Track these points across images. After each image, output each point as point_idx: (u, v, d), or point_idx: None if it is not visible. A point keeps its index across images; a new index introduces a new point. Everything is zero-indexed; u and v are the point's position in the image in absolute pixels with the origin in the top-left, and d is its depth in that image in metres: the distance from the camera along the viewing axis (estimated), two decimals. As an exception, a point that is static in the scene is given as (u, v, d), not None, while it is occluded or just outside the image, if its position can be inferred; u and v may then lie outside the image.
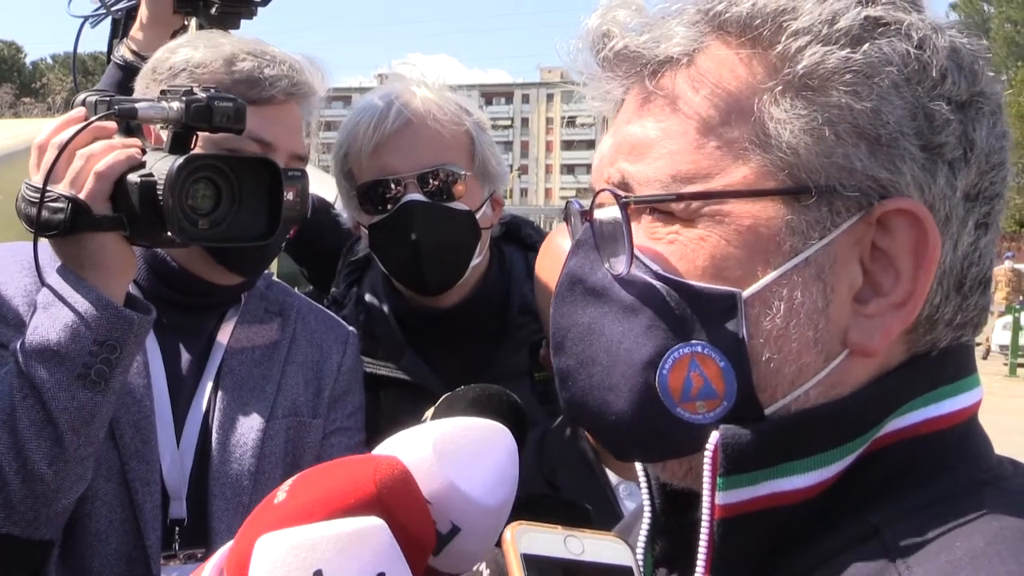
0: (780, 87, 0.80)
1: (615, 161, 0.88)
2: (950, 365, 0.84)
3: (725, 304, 0.81)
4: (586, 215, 0.91)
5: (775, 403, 0.82)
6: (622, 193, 0.86)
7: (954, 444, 0.83)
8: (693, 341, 0.82)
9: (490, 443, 1.09)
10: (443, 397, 1.46)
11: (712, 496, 0.80)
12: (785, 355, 0.81)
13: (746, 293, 0.80)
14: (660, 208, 0.84)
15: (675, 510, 0.92)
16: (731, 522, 0.80)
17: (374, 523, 0.89)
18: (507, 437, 1.12)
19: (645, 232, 0.85)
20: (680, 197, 0.82)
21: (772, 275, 0.80)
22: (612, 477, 1.79)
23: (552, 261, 1.80)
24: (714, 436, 0.80)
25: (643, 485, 0.95)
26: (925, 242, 0.79)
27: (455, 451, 1.05)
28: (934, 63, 0.79)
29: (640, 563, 0.93)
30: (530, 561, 0.82)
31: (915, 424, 0.81)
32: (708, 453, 0.80)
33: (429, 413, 1.44)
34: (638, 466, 0.96)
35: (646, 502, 0.95)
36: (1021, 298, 22.32)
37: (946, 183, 0.80)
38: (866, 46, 0.79)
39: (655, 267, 0.84)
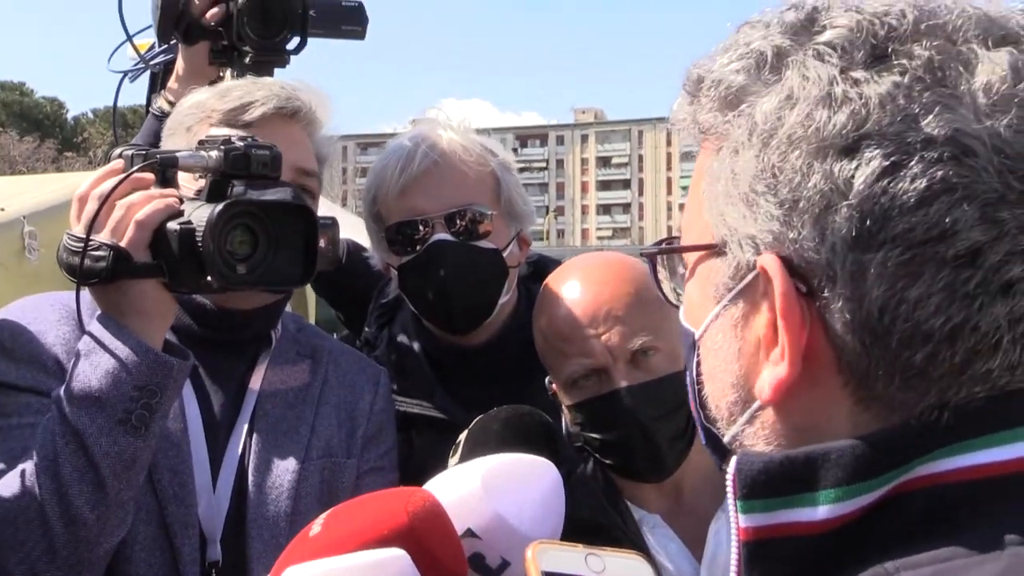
0: (706, 147, 0.89)
1: None
2: (996, 413, 0.79)
3: (690, 341, 0.93)
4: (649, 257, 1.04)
5: (725, 434, 0.90)
6: (651, 245, 1.01)
7: (994, 495, 0.79)
8: (688, 371, 0.95)
9: (536, 477, 1.10)
10: (477, 418, 1.48)
11: (736, 518, 0.83)
12: (716, 392, 0.90)
13: (697, 334, 0.91)
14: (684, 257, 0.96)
15: None
16: (753, 545, 0.82)
17: (395, 554, 0.91)
18: (552, 470, 1.14)
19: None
20: (661, 250, 0.98)
21: (707, 320, 0.89)
22: (635, 512, 1.80)
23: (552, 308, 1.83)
24: (733, 460, 0.83)
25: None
26: (772, 293, 0.80)
27: (503, 485, 1.07)
28: (792, 117, 0.79)
29: None
30: None
31: (950, 471, 0.79)
32: (729, 477, 0.83)
33: (463, 435, 1.45)
34: None
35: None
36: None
37: (813, 236, 0.78)
38: (737, 108, 0.83)
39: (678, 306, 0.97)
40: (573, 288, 1.80)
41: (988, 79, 0.78)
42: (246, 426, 1.78)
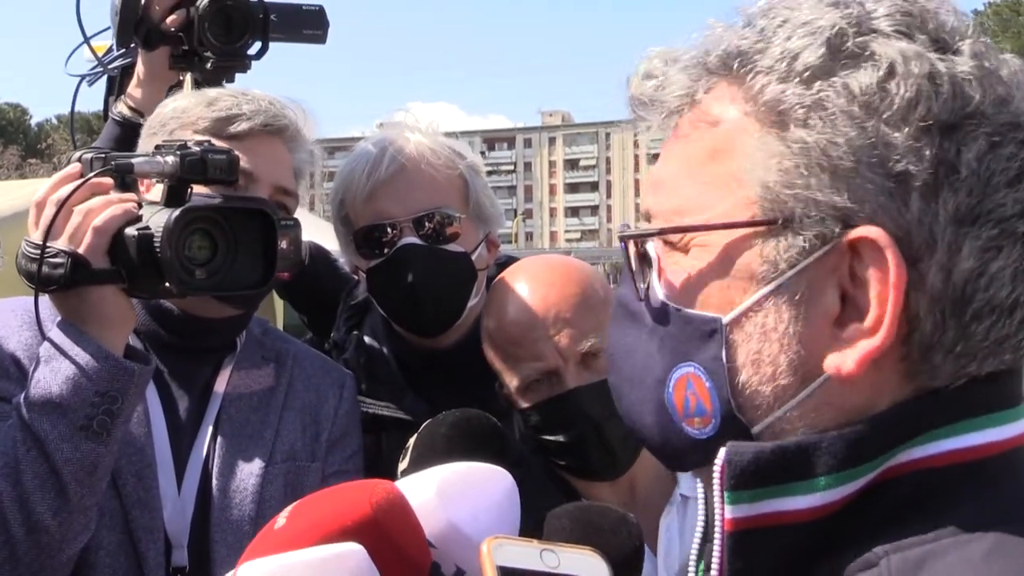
0: (752, 123, 0.85)
1: (646, 195, 0.96)
2: (979, 396, 0.84)
3: (710, 328, 0.87)
4: (623, 242, 0.97)
5: (758, 423, 0.86)
6: (627, 228, 0.95)
7: (977, 477, 0.82)
8: (689, 362, 0.89)
9: (491, 485, 1.11)
10: (425, 423, 1.48)
11: (722, 509, 0.84)
12: (761, 377, 0.85)
13: (726, 319, 0.86)
14: (666, 239, 0.91)
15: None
16: (739, 535, 0.83)
17: (352, 548, 0.91)
18: (506, 478, 1.14)
19: (663, 260, 0.92)
20: (663, 231, 0.90)
21: (747, 302, 0.85)
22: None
23: (502, 305, 1.83)
24: (722, 452, 0.84)
25: (700, 495, 1.00)
26: (886, 268, 0.80)
27: (457, 494, 1.07)
28: (901, 91, 0.81)
29: (692, 567, 0.98)
30: (506, 573, 0.84)
31: (934, 455, 0.82)
32: (717, 468, 0.84)
33: (412, 440, 1.45)
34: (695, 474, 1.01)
35: (700, 512, 0.99)
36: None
37: (921, 209, 0.80)
38: (818, 83, 0.82)
39: (662, 293, 0.92)
40: (520, 292, 1.81)
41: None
42: (210, 430, 1.78)
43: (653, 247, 0.93)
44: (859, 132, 0.81)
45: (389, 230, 2.03)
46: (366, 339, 2.20)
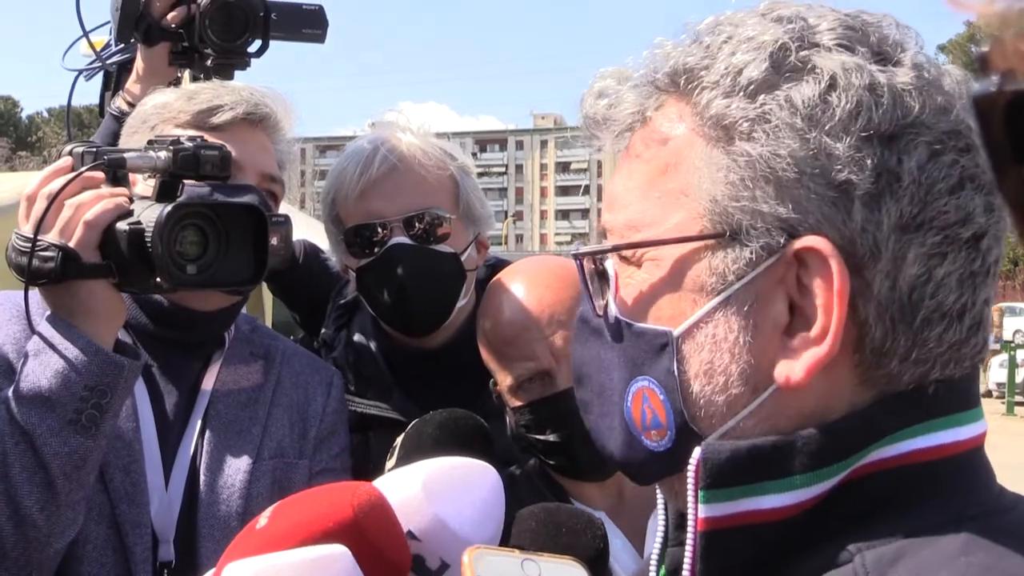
0: (699, 138, 0.87)
1: (604, 212, 0.97)
2: (940, 400, 0.85)
3: (661, 342, 0.88)
4: (578, 259, 0.97)
5: (712, 432, 0.87)
6: (580, 247, 0.95)
7: (945, 475, 0.84)
8: (642, 376, 0.90)
9: (477, 480, 1.11)
10: (413, 422, 1.49)
11: (695, 509, 0.84)
12: (714, 388, 0.86)
13: (676, 332, 0.88)
14: (621, 255, 0.92)
15: (679, 525, 0.96)
16: (712, 535, 0.84)
17: (337, 550, 0.92)
18: (492, 474, 1.15)
19: (620, 276, 0.93)
20: (615, 248, 0.92)
21: (697, 314, 0.86)
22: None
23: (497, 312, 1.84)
24: (697, 451, 0.84)
25: (659, 503, 1.00)
26: (831, 277, 0.81)
27: (443, 488, 1.08)
28: (842, 102, 0.82)
29: (654, 571, 0.99)
30: None
31: (902, 454, 0.83)
32: (691, 467, 0.84)
33: (399, 439, 1.46)
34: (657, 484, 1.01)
35: (660, 518, 1.00)
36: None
37: (865, 218, 0.82)
38: (761, 97, 0.84)
39: (614, 309, 0.92)
40: (516, 292, 1.83)
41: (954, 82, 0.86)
42: (199, 425, 1.78)
43: (611, 264, 0.94)
44: (801, 143, 0.82)
45: (379, 229, 2.04)
46: (355, 338, 2.21)
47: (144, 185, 1.69)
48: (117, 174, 1.60)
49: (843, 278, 0.81)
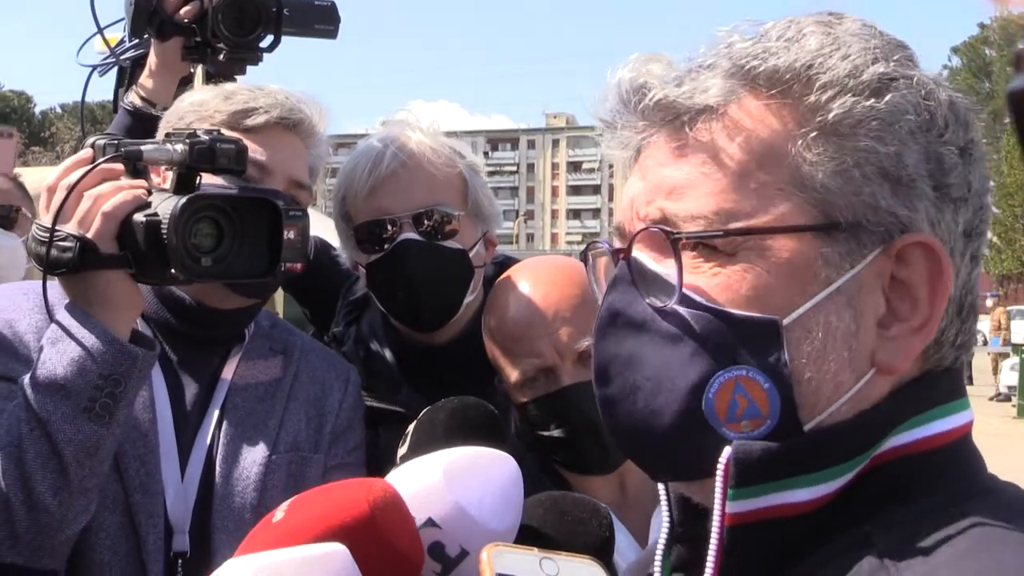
0: (813, 134, 0.89)
1: (653, 201, 0.95)
2: (945, 385, 0.92)
3: (767, 330, 0.88)
4: (621, 253, 0.97)
5: (813, 419, 0.89)
6: (672, 230, 0.92)
7: (947, 462, 0.90)
8: (739, 365, 0.89)
9: (497, 469, 1.13)
10: (425, 410, 1.51)
11: (723, 505, 0.87)
12: (824, 374, 0.88)
13: (786, 320, 0.88)
14: (705, 243, 0.91)
15: (692, 520, 0.98)
16: (739, 529, 0.87)
17: (336, 548, 0.93)
18: (511, 463, 1.16)
19: (686, 266, 0.91)
20: (727, 232, 0.90)
21: (811, 302, 0.88)
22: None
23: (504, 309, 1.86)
24: (727, 451, 0.87)
25: (662, 498, 1.02)
26: (940, 271, 0.88)
27: (464, 477, 1.10)
28: (939, 113, 0.89)
29: (659, 569, 1.00)
30: None
31: (910, 443, 0.88)
32: (721, 466, 0.87)
33: (411, 426, 1.48)
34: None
35: (664, 514, 1.01)
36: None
37: (952, 220, 0.90)
38: (888, 96, 0.88)
39: (699, 299, 0.90)
40: (522, 290, 1.86)
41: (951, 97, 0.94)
42: (216, 418, 1.80)
43: (675, 252, 0.91)
44: (918, 146, 0.88)
45: (389, 226, 2.06)
46: (365, 334, 2.23)
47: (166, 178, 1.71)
48: (137, 166, 1.62)
49: (950, 273, 0.88)
